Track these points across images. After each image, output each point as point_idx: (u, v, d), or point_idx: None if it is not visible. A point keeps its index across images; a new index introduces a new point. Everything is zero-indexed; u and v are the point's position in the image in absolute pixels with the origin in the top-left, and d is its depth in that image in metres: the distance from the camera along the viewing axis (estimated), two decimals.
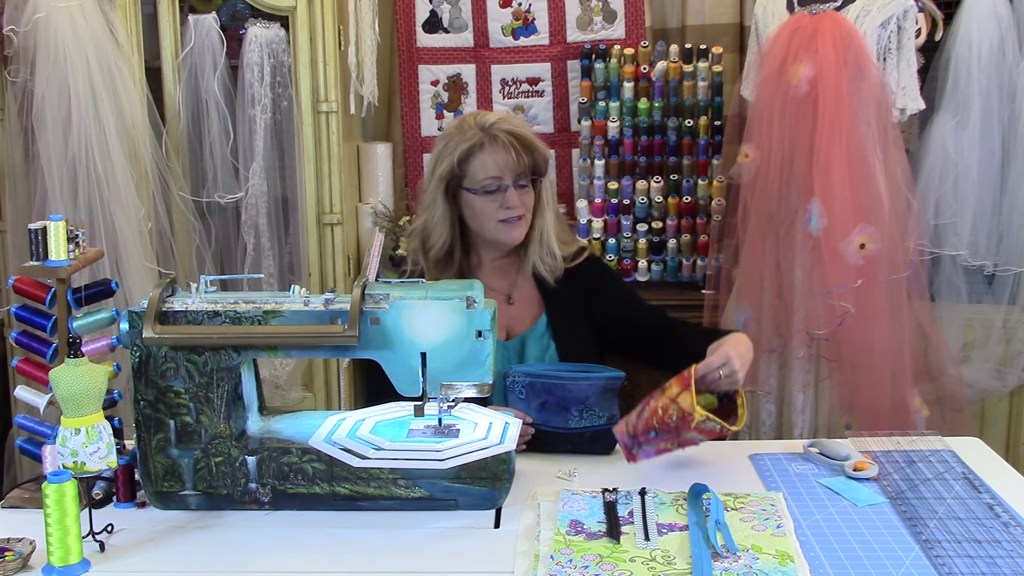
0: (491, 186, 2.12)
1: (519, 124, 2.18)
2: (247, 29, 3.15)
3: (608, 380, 1.98)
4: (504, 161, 2.11)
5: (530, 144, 2.13)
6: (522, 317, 2.22)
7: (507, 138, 2.11)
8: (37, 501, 1.69)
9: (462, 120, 2.19)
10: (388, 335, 1.70)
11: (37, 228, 1.76)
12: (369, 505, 1.70)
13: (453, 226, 2.18)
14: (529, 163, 2.13)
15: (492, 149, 2.11)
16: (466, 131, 2.14)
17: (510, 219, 2.14)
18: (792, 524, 1.62)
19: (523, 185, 2.14)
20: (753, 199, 2.88)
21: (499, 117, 2.16)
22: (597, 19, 3.56)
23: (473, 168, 2.12)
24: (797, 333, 2.82)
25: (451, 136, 2.16)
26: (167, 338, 1.67)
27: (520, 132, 2.14)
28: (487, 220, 2.15)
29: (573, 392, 1.95)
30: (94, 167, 2.92)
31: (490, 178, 2.11)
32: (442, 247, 2.18)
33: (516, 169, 2.12)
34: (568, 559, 1.51)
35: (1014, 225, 3.01)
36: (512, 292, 2.23)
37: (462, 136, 2.13)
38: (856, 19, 2.78)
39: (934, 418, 2.80)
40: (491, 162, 2.11)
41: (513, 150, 2.10)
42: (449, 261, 2.20)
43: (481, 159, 2.11)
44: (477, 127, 2.13)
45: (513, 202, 2.12)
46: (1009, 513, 1.65)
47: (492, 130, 2.12)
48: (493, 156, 2.11)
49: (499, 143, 2.11)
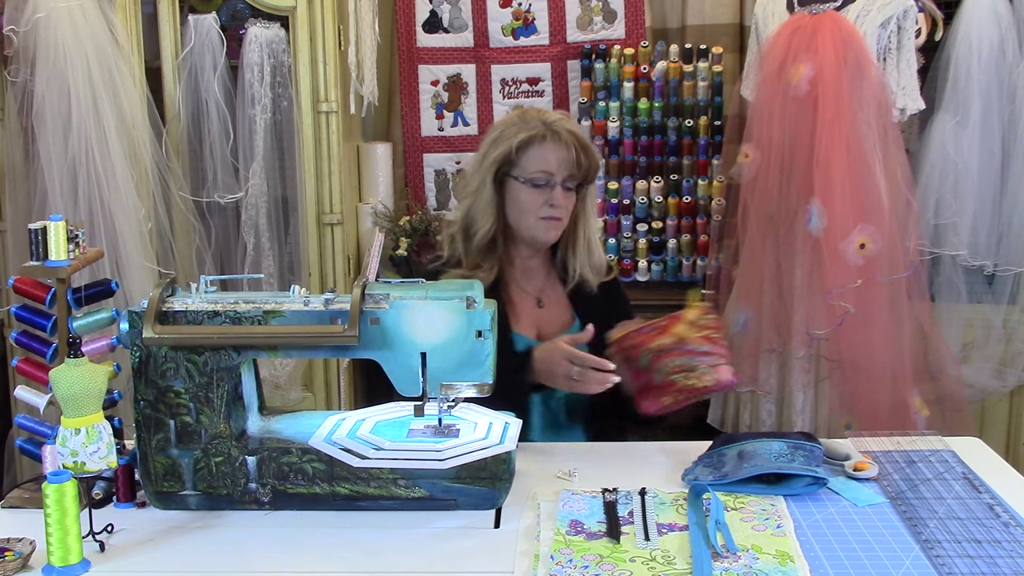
0: (541, 180, 2.12)
1: (579, 128, 2.21)
2: (247, 29, 3.15)
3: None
4: (562, 158, 2.11)
5: (588, 148, 2.15)
6: (552, 321, 2.21)
7: (569, 137, 2.12)
8: (37, 501, 1.69)
9: (524, 111, 2.21)
10: (388, 335, 1.70)
11: (37, 228, 1.76)
12: (369, 505, 1.70)
13: (499, 213, 2.17)
14: (584, 166, 2.14)
15: (554, 144, 2.12)
16: (529, 121, 2.15)
17: (550, 217, 2.14)
18: (792, 524, 1.62)
19: (569, 188, 2.15)
20: (753, 199, 2.88)
21: (562, 116, 2.18)
22: (597, 19, 3.56)
23: (528, 158, 2.12)
24: (797, 333, 2.82)
25: (512, 124, 2.17)
26: (167, 338, 1.67)
27: (581, 134, 2.16)
28: (528, 213, 2.14)
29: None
30: (94, 167, 2.92)
31: (542, 172, 2.12)
32: (487, 234, 2.16)
33: (570, 169, 2.12)
34: (568, 559, 1.51)
35: (1014, 225, 3.01)
36: (541, 295, 2.23)
37: (525, 125, 2.14)
38: (856, 19, 2.78)
39: (934, 418, 2.79)
40: (550, 156, 2.11)
41: (573, 148, 2.12)
42: (492, 249, 2.18)
43: (540, 151, 2.12)
44: (540, 121, 2.14)
45: (558, 200, 2.13)
46: (1009, 513, 1.65)
47: (555, 126, 2.13)
48: (554, 151, 2.11)
49: (561, 140, 2.12)
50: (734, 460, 1.79)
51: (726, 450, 1.84)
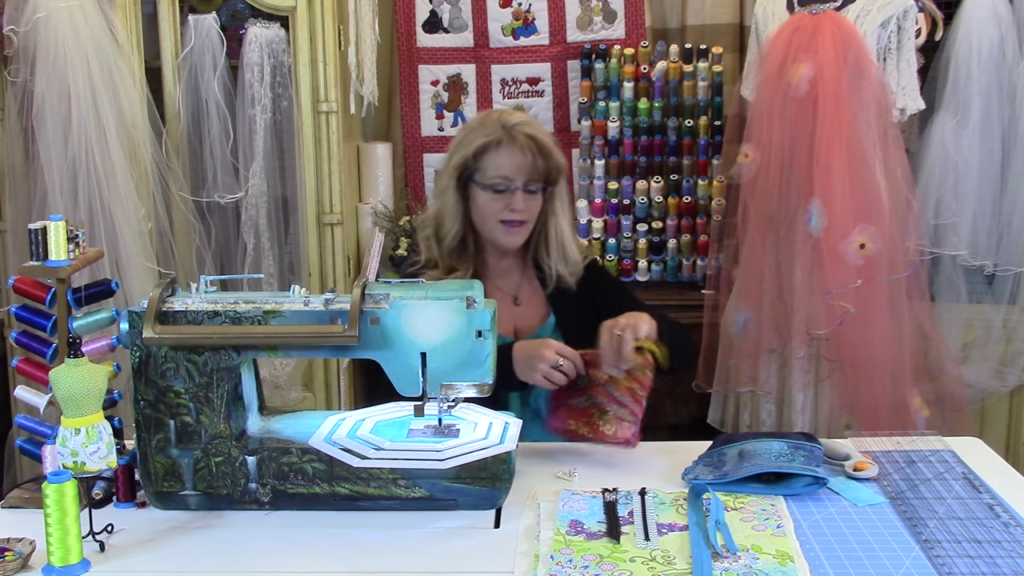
0: (500, 185, 2.12)
1: (541, 130, 2.18)
2: (247, 29, 3.15)
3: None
4: (519, 163, 2.11)
5: (547, 150, 2.13)
6: (529, 318, 2.22)
7: (526, 141, 2.11)
8: (37, 501, 1.69)
9: (487, 115, 2.20)
10: (388, 335, 1.70)
11: (37, 228, 1.76)
12: (369, 505, 1.70)
13: (465, 217, 2.18)
14: (543, 169, 2.13)
15: (511, 149, 2.11)
16: (488, 126, 2.14)
17: (511, 221, 2.14)
18: (792, 524, 1.62)
19: (532, 191, 2.14)
20: (753, 199, 2.88)
21: (523, 119, 2.16)
22: (597, 19, 3.56)
23: (487, 163, 2.12)
24: (797, 333, 2.82)
25: (472, 128, 2.17)
26: (167, 338, 1.67)
27: (540, 137, 2.14)
28: (489, 218, 2.15)
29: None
30: (94, 167, 2.92)
31: (501, 177, 2.11)
32: (455, 237, 2.18)
33: (529, 173, 2.11)
34: (568, 559, 1.51)
35: (1014, 225, 3.01)
36: (518, 293, 2.24)
37: (483, 130, 2.14)
38: (856, 19, 2.78)
39: (934, 418, 2.79)
40: (507, 161, 2.11)
41: (530, 153, 2.10)
42: (464, 251, 2.19)
43: (496, 156, 2.11)
44: (499, 124, 2.13)
45: (518, 205, 2.12)
46: (1009, 513, 1.65)
47: (513, 130, 2.12)
48: (509, 155, 2.11)
49: (517, 144, 2.11)
50: (734, 460, 1.79)
51: (726, 450, 1.84)
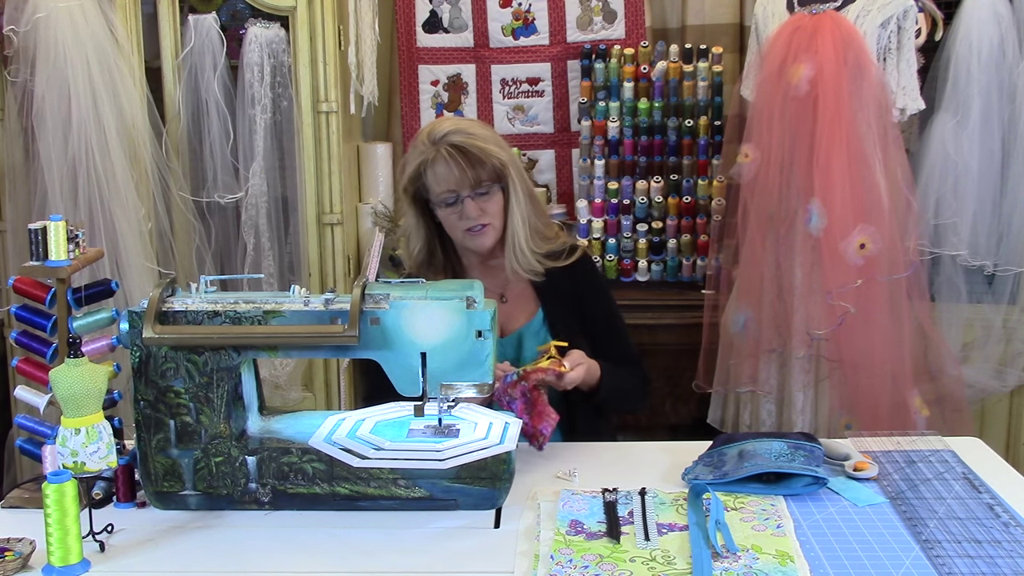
0: (449, 199, 2.11)
1: (469, 134, 2.11)
2: (247, 29, 3.15)
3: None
4: (455, 176, 2.08)
5: (475, 157, 2.08)
6: (516, 314, 2.23)
7: (449, 152, 2.07)
8: (37, 501, 1.69)
9: (420, 132, 2.17)
10: (388, 335, 1.70)
11: (37, 228, 1.76)
12: (369, 505, 1.70)
13: (428, 230, 2.19)
14: (475, 176, 2.09)
15: (442, 163, 2.08)
16: (419, 145, 2.12)
17: (473, 228, 2.13)
18: (792, 524, 1.62)
19: (483, 193, 2.12)
20: (753, 199, 2.88)
21: (451, 127, 2.11)
22: (597, 19, 3.56)
23: (429, 182, 2.12)
24: (797, 333, 2.82)
25: (411, 148, 2.17)
26: (167, 338, 1.67)
27: (464, 144, 2.08)
28: (454, 231, 2.16)
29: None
30: (94, 167, 2.92)
31: (445, 191, 2.11)
32: (421, 250, 2.21)
33: (466, 181, 2.09)
34: (568, 559, 1.51)
35: (1014, 225, 3.01)
36: (505, 291, 2.24)
37: (415, 151, 2.13)
38: (856, 19, 2.78)
39: (934, 418, 2.79)
40: (443, 176, 2.09)
41: (456, 166, 2.07)
42: (431, 261, 2.21)
43: (433, 174, 2.10)
44: (429, 141, 2.11)
45: (470, 213, 2.11)
46: (1009, 513, 1.65)
47: (439, 145, 2.09)
48: (444, 169, 2.08)
49: (441, 158, 2.08)
50: (734, 459, 1.79)
51: (726, 450, 1.84)
